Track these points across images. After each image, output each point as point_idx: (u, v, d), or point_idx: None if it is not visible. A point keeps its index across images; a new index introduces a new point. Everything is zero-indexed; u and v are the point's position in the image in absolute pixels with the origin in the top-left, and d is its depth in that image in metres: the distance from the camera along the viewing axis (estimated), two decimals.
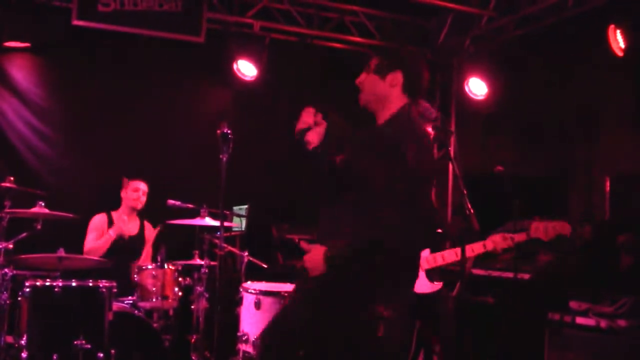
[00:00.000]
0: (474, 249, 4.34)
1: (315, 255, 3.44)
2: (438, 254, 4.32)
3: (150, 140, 7.37)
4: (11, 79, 7.15)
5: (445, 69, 8.34)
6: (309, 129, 3.66)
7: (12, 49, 7.03)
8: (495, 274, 5.67)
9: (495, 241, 4.37)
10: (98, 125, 7.32)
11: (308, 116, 3.70)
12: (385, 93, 3.67)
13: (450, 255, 4.32)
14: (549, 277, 5.41)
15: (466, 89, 7.56)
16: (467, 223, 4.30)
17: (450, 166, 4.48)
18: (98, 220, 6.54)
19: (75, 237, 6.30)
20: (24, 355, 5.38)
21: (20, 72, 7.20)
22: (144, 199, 6.61)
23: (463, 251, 4.13)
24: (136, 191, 6.56)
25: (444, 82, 8.31)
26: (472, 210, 4.35)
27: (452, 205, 4.48)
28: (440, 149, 4.42)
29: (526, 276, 5.45)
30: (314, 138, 3.66)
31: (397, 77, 3.64)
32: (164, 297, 5.83)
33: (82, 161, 7.27)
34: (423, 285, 4.33)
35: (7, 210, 5.75)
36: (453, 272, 4.45)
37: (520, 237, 4.39)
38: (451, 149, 4.36)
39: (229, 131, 4.93)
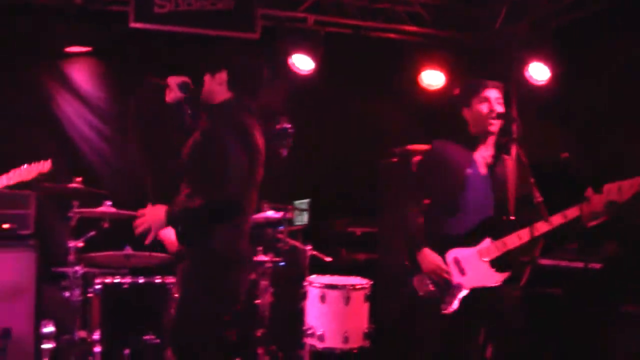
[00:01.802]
0: (538, 228, 4.24)
1: (155, 210, 3.81)
2: (499, 242, 4.26)
3: None
4: (74, 83, 7.29)
5: (504, 55, 8.24)
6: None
7: (74, 53, 7.17)
8: (564, 263, 5.55)
9: (564, 216, 4.23)
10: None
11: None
12: (214, 90, 4.08)
13: (512, 241, 4.25)
14: (619, 266, 5.27)
15: (527, 74, 7.43)
16: (535, 211, 4.28)
17: (514, 154, 4.41)
18: None
19: (141, 235, 6.40)
20: (96, 349, 5.54)
21: (82, 76, 7.34)
22: None
23: (532, 238, 4.09)
24: None
25: (503, 69, 8.19)
26: (541, 198, 4.32)
27: (516, 194, 4.40)
28: (504, 136, 4.41)
29: (597, 266, 5.31)
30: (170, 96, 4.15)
31: (222, 76, 4.05)
32: None
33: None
34: (486, 277, 4.28)
35: (75, 210, 5.90)
36: (520, 262, 4.39)
37: (588, 207, 4.20)
38: (515, 136, 4.34)
39: (288, 126, 4.98)
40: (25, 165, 3.69)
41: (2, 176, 3.66)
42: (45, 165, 3.72)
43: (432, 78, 7.99)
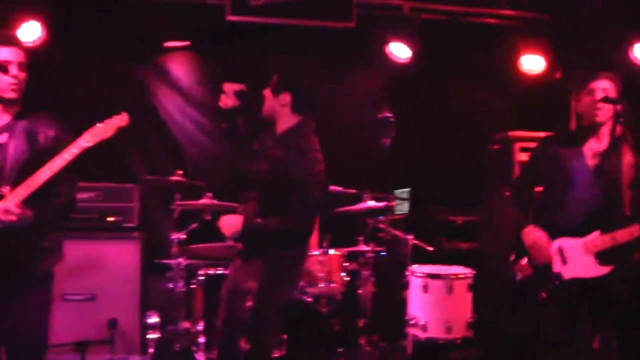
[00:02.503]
0: None
1: (234, 218, 4.19)
2: (608, 235, 4.14)
3: None
4: (173, 78, 7.41)
5: (606, 36, 7.94)
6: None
7: (173, 48, 7.30)
8: None
9: None
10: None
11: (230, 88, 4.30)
12: (277, 110, 4.25)
13: (622, 235, 4.13)
14: None
15: (632, 56, 7.16)
16: None
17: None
18: None
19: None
20: (201, 340, 5.64)
21: (181, 70, 7.45)
22: None
23: None
24: None
25: (606, 51, 7.90)
26: None
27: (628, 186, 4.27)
28: (615, 123, 4.27)
29: None
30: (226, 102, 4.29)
31: (285, 98, 4.20)
32: (331, 283, 5.89)
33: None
34: (588, 269, 4.18)
35: (177, 202, 6.00)
36: (627, 257, 4.26)
37: None
38: (622, 121, 4.20)
39: (389, 115, 4.94)
40: (101, 124, 3.69)
41: (77, 140, 3.66)
42: (122, 119, 3.71)
43: (532, 63, 7.77)
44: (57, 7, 6.59)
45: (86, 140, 3.67)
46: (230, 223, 4.20)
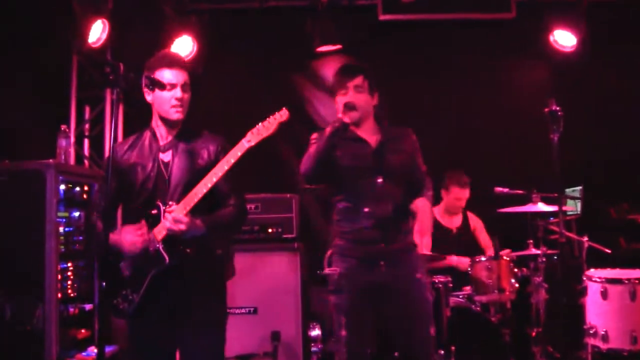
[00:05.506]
0: None
1: None
2: None
3: (471, 126, 7.21)
4: (325, 81, 7.36)
5: None
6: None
7: (325, 53, 7.23)
8: None
9: None
10: (416, 117, 7.22)
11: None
12: (370, 109, 4.34)
13: None
14: None
15: None
16: None
17: None
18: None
19: None
20: None
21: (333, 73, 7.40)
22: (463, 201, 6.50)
23: None
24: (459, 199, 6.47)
25: None
26: None
27: None
28: None
29: None
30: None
31: (377, 97, 4.36)
32: (501, 290, 5.66)
33: None
34: None
35: None
36: None
37: None
38: None
39: (557, 108, 4.61)
40: (261, 124, 3.64)
41: (240, 141, 3.62)
42: (282, 115, 3.65)
43: None
44: (208, 21, 6.73)
45: (248, 140, 3.62)
46: None
